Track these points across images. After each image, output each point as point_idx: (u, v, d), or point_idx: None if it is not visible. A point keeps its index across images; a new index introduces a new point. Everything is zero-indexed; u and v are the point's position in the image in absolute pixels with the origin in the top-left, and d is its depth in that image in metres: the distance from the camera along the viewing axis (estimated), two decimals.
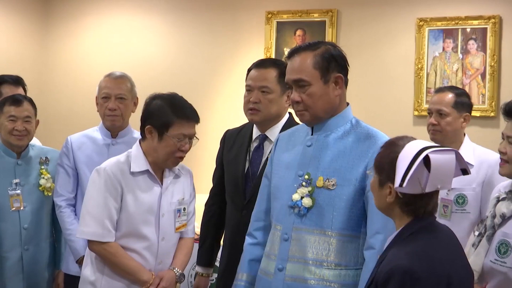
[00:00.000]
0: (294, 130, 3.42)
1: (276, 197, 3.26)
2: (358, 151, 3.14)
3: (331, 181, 3.10)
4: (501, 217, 3.12)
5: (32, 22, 8.46)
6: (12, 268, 4.34)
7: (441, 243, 2.64)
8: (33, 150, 4.52)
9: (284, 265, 3.12)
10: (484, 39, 6.60)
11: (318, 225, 3.11)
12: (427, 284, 2.45)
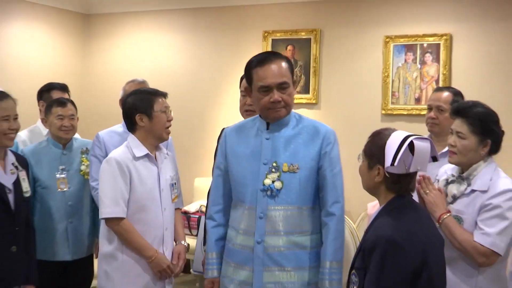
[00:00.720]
0: (240, 126, 3.37)
1: (243, 183, 3.20)
2: (310, 139, 3.21)
3: (294, 165, 3.14)
4: (453, 197, 3.11)
5: (75, 39, 8.43)
6: (60, 237, 4.33)
7: (418, 217, 2.67)
8: (76, 142, 4.51)
9: (263, 238, 3.12)
10: (437, 53, 6.57)
11: (288, 202, 3.14)
12: (406, 251, 2.48)
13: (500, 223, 2.94)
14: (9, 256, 3.29)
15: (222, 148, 3.33)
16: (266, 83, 3.09)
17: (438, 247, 2.68)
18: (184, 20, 7.94)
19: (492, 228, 2.94)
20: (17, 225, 3.33)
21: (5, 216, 3.27)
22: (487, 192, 3.01)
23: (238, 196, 3.23)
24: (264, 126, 3.22)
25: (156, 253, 3.60)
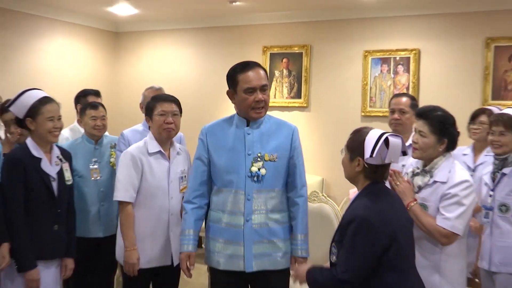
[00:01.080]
0: (217, 124, 3.33)
1: (230, 171, 3.16)
2: (281, 134, 3.25)
3: (274, 156, 3.18)
4: (418, 187, 3.11)
5: (106, 53, 8.45)
6: (93, 217, 4.34)
7: (390, 201, 2.68)
8: (106, 139, 4.52)
9: (250, 217, 3.12)
10: (408, 64, 6.60)
11: (270, 186, 3.18)
12: (376, 228, 2.50)
13: (458, 209, 2.93)
14: (52, 233, 3.27)
15: (203, 143, 3.26)
16: (251, 85, 3.09)
17: (406, 226, 2.69)
18: (196, 37, 7.95)
19: (452, 213, 2.92)
20: (59, 208, 3.31)
21: (49, 200, 3.25)
22: (447, 183, 2.98)
23: (224, 183, 3.18)
24: (244, 123, 3.21)
25: (133, 248, 3.53)
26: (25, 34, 7.27)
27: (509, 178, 3.47)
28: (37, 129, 3.28)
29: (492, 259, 3.51)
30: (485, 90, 6.22)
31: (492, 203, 3.53)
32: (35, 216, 3.23)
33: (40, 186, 3.24)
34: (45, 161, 3.30)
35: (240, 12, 7.32)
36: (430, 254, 3.03)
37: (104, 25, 8.32)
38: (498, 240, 3.49)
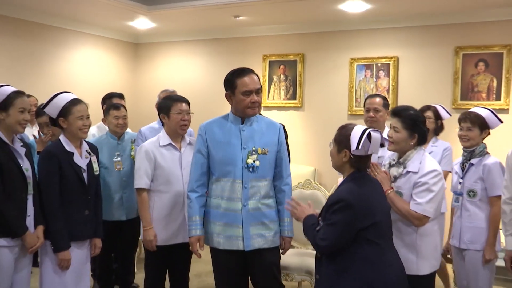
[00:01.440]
0: (215, 121, 3.30)
1: (228, 163, 3.15)
2: (270, 131, 3.27)
3: (265, 149, 3.20)
4: (394, 177, 3.11)
5: (127, 61, 8.45)
6: (116, 203, 4.36)
7: (370, 186, 2.71)
8: (127, 135, 4.52)
9: (247, 202, 3.14)
10: (388, 70, 6.58)
11: (262, 176, 3.20)
12: (356, 208, 2.53)
13: (428, 195, 2.95)
14: (83, 217, 3.28)
15: (203, 139, 3.23)
16: (249, 88, 3.10)
17: (384, 208, 2.72)
18: (205, 47, 7.93)
19: (422, 199, 2.95)
20: (89, 195, 3.32)
21: (81, 188, 3.26)
22: (418, 172, 3.00)
23: (222, 173, 3.17)
24: (239, 121, 3.20)
25: (150, 227, 3.60)
26: (58, 45, 7.31)
27: (476, 168, 3.49)
28: (68, 127, 3.27)
29: (462, 238, 3.54)
30: (454, 92, 6.22)
31: (461, 189, 3.55)
32: (69, 203, 3.23)
33: (73, 177, 3.24)
34: (77, 154, 3.29)
35: (243, 25, 7.33)
36: (406, 235, 3.04)
37: (125, 37, 8.32)
38: (467, 222, 3.51)
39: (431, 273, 3.10)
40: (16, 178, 3.01)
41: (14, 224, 2.99)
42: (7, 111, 3.01)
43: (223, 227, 3.16)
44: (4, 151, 3.00)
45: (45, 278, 3.23)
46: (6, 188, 2.96)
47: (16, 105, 3.03)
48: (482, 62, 6.08)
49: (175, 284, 3.90)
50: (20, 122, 3.05)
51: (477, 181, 3.46)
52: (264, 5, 6.06)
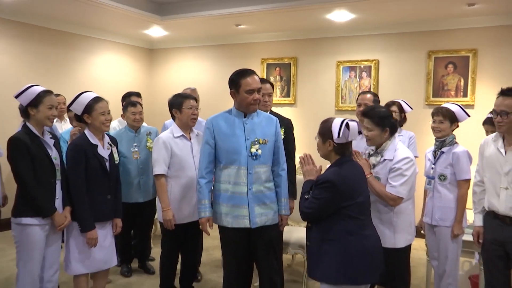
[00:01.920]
0: (222, 115, 3.26)
1: (234, 152, 3.13)
2: (268, 124, 3.24)
3: (265, 140, 3.19)
4: (373, 165, 3.12)
5: (143, 64, 8.41)
6: (135, 187, 4.36)
7: (353, 169, 2.75)
8: (143, 128, 4.51)
9: (251, 186, 3.13)
10: (370, 71, 6.55)
11: (263, 163, 3.18)
12: (338, 187, 2.57)
13: (402, 179, 2.98)
14: (106, 201, 3.27)
15: (210, 130, 3.19)
16: (252, 87, 3.08)
17: (364, 188, 2.74)
18: (211, 52, 7.89)
19: (396, 182, 2.98)
20: (111, 181, 3.30)
21: (103, 176, 3.23)
22: (393, 160, 3.03)
23: (229, 161, 3.15)
24: (242, 115, 3.18)
25: (168, 208, 3.60)
26: (85, 51, 7.31)
27: (446, 155, 3.49)
28: (92, 122, 3.25)
29: (433, 216, 3.55)
30: (427, 90, 6.21)
31: (433, 174, 3.56)
32: (93, 188, 3.21)
33: (97, 166, 3.22)
34: (100, 146, 3.27)
35: (244, 33, 7.30)
36: (384, 213, 3.10)
37: (141, 44, 8.28)
38: (438, 202, 3.53)
39: (406, 246, 3.12)
40: (45, 166, 3.01)
41: (44, 205, 2.99)
42: (37, 107, 3.00)
43: (231, 208, 3.15)
44: (35, 143, 2.99)
45: (71, 254, 3.23)
46: (37, 175, 2.97)
47: (45, 103, 3.02)
48: (451, 64, 6.07)
49: (188, 257, 3.90)
50: (49, 117, 3.04)
51: (447, 167, 3.47)
52: (262, 15, 6.05)
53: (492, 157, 3.03)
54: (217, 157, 3.21)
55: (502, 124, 2.90)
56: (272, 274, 3.31)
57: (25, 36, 6.39)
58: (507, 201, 2.92)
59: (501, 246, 2.99)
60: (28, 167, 2.93)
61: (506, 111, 2.86)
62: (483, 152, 3.14)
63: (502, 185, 2.95)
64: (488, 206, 3.07)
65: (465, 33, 5.99)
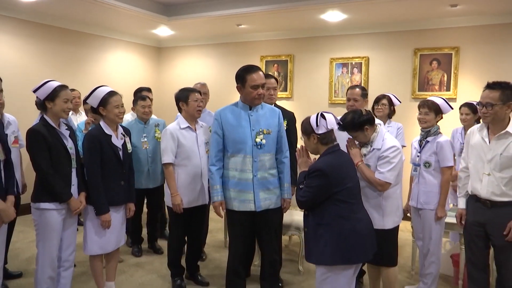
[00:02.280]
0: (229, 107, 3.25)
1: (240, 142, 3.12)
2: (272, 115, 3.24)
3: (269, 130, 3.19)
4: (364, 155, 3.11)
5: (152, 61, 8.34)
6: (145, 174, 4.38)
7: (341, 157, 2.74)
8: (152, 120, 4.48)
9: (257, 173, 3.15)
10: (360, 68, 6.50)
11: (268, 151, 3.18)
12: (328, 175, 2.55)
13: (389, 166, 2.98)
14: (120, 187, 3.26)
15: (218, 121, 3.20)
16: (256, 83, 3.08)
17: (353, 175, 2.72)
18: (214, 50, 7.83)
19: (384, 169, 2.99)
20: (124, 169, 3.28)
21: (117, 164, 3.22)
22: (381, 149, 3.03)
23: (236, 150, 3.14)
24: (247, 108, 3.18)
25: (176, 194, 3.58)
26: (98, 50, 7.25)
27: (431, 144, 3.49)
28: (107, 114, 3.23)
29: (419, 200, 3.56)
30: (413, 85, 6.17)
31: (419, 161, 3.56)
32: (108, 175, 3.20)
33: (111, 154, 3.21)
34: (114, 137, 3.26)
35: (244, 32, 7.24)
36: (373, 198, 3.09)
37: (150, 43, 8.22)
38: (423, 187, 3.53)
39: (394, 227, 3.12)
40: (62, 155, 3.00)
41: (61, 192, 2.97)
42: (54, 101, 2.98)
43: (238, 193, 3.16)
44: (52, 134, 2.97)
45: (88, 235, 3.24)
46: (54, 164, 2.95)
47: (61, 96, 2.99)
48: (435, 61, 6.03)
49: (193, 238, 3.90)
50: (65, 110, 3.01)
51: (431, 155, 3.47)
52: (261, 15, 6.00)
53: (477, 145, 3.03)
54: (225, 146, 3.21)
55: (487, 115, 2.91)
56: (272, 253, 3.34)
57: (42, 36, 6.35)
58: (488, 186, 2.93)
59: (481, 227, 3.01)
60: (46, 156, 2.91)
61: (491, 103, 2.87)
62: (469, 141, 3.14)
63: (485, 171, 2.95)
64: (472, 190, 3.07)
65: (449, 32, 5.95)
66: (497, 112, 2.86)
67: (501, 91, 2.85)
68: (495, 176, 2.90)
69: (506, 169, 2.87)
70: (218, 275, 4.10)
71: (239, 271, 3.33)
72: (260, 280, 3.45)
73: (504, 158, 2.86)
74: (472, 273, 3.13)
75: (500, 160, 2.87)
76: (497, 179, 2.89)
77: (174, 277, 3.86)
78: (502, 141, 2.89)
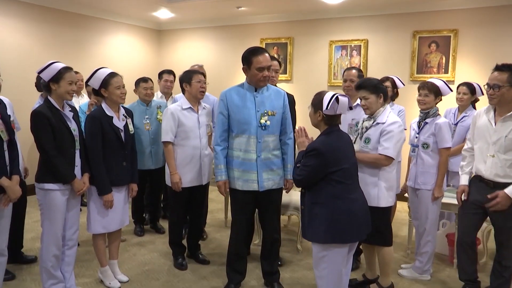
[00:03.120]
0: (234, 88, 3.21)
1: (245, 123, 3.10)
2: (277, 97, 3.20)
3: (274, 112, 3.15)
4: (366, 128, 3.14)
5: (152, 44, 8.26)
6: (147, 155, 4.38)
7: (339, 139, 2.72)
8: (154, 102, 4.46)
9: (260, 154, 3.12)
10: (359, 50, 6.44)
11: (272, 132, 3.15)
12: (325, 155, 2.56)
13: (393, 140, 3.00)
14: (122, 168, 3.26)
15: (224, 102, 3.16)
16: (262, 65, 3.04)
17: (350, 156, 2.72)
18: (214, 32, 7.76)
19: (389, 144, 3.00)
20: (126, 150, 3.27)
21: (119, 145, 3.22)
22: (385, 123, 3.04)
23: (240, 130, 3.12)
24: (253, 89, 3.15)
25: (175, 172, 3.59)
26: (98, 32, 7.18)
27: (430, 126, 3.48)
28: (109, 95, 3.21)
29: (416, 180, 3.57)
30: (412, 67, 6.12)
31: (417, 142, 3.55)
32: (109, 156, 3.20)
33: (112, 135, 3.20)
34: (115, 118, 3.24)
35: (244, 14, 7.16)
36: (371, 176, 3.09)
37: (150, 25, 8.14)
38: (421, 167, 3.54)
39: (387, 207, 3.14)
40: (65, 137, 2.98)
41: (64, 173, 2.97)
42: (59, 83, 2.94)
43: (241, 173, 3.15)
44: (56, 116, 2.95)
45: (91, 215, 3.27)
46: (58, 145, 2.94)
47: (66, 78, 2.96)
48: (434, 44, 5.98)
49: (194, 218, 3.92)
50: (69, 92, 2.98)
51: (430, 136, 3.46)
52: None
53: (483, 127, 3.03)
54: (230, 127, 3.18)
55: (494, 97, 2.90)
56: (274, 232, 3.36)
57: (43, 18, 6.27)
58: (492, 167, 2.95)
59: (480, 207, 3.04)
60: (49, 138, 2.90)
61: (498, 85, 2.86)
62: (476, 122, 3.14)
63: (489, 153, 2.96)
64: (475, 171, 3.09)
65: (447, 15, 5.88)
66: (504, 94, 2.86)
67: (510, 73, 2.84)
68: (500, 158, 2.90)
69: (510, 151, 2.88)
70: (218, 254, 4.13)
71: (241, 249, 3.36)
72: (260, 258, 3.47)
73: (509, 140, 2.87)
74: (461, 249, 3.20)
75: (505, 143, 2.88)
76: (501, 161, 2.90)
77: (176, 255, 3.89)
78: (508, 123, 2.90)
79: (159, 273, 3.75)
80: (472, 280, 3.23)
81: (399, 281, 3.62)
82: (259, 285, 3.52)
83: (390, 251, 3.21)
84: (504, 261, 3.01)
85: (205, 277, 3.69)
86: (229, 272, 3.38)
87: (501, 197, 2.85)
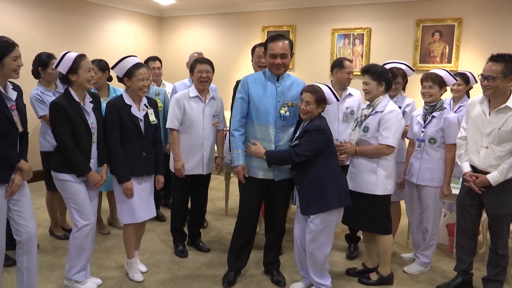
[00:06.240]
0: (257, 75, 3.19)
1: (265, 112, 3.06)
2: (297, 88, 3.14)
3: (293, 103, 3.11)
4: (365, 116, 3.14)
5: (153, 31, 8.21)
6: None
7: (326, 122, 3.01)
8: (152, 89, 4.39)
9: (279, 143, 3.09)
10: (362, 39, 6.40)
11: (291, 123, 3.13)
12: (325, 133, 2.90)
13: (392, 129, 3.02)
14: (141, 158, 3.21)
15: (244, 88, 3.12)
16: (273, 52, 3.03)
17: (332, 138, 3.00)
18: (216, 20, 7.70)
19: (388, 133, 3.02)
20: (145, 140, 3.22)
21: (137, 134, 3.16)
22: (384, 111, 3.04)
23: (260, 119, 3.09)
24: (275, 78, 3.11)
25: (179, 159, 3.59)
26: (99, 19, 7.11)
27: (437, 120, 3.37)
28: (131, 85, 3.18)
29: (421, 176, 3.44)
30: (415, 57, 6.08)
31: (423, 137, 3.42)
32: (127, 145, 3.16)
33: (130, 124, 3.15)
34: (134, 107, 3.18)
35: (246, 2, 7.09)
36: (370, 162, 3.12)
37: (152, 12, 8.06)
38: (427, 163, 3.41)
39: (384, 195, 3.13)
40: (82, 130, 2.95)
41: (80, 165, 2.95)
42: (77, 72, 2.91)
43: (259, 161, 3.11)
44: (75, 108, 2.92)
45: (118, 206, 3.28)
46: (74, 137, 2.92)
47: (83, 66, 2.92)
48: (438, 33, 5.92)
49: (196, 206, 3.94)
50: (89, 79, 2.94)
51: (438, 131, 3.35)
52: None
53: (476, 117, 2.99)
54: (249, 114, 3.14)
55: (488, 88, 2.86)
56: (282, 222, 3.38)
57: (42, 3, 6.19)
58: (485, 158, 2.93)
59: (475, 197, 3.04)
60: (66, 129, 2.88)
61: (492, 76, 2.82)
62: (470, 112, 3.09)
63: (483, 144, 2.94)
64: (468, 161, 3.07)
65: (451, 3, 5.80)
66: (498, 85, 2.81)
67: (504, 64, 2.78)
68: (493, 149, 2.88)
69: (504, 143, 2.85)
70: (218, 242, 4.14)
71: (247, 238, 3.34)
72: (264, 247, 3.47)
73: (502, 132, 2.83)
74: (461, 240, 3.20)
75: (498, 134, 2.85)
76: (494, 152, 2.88)
77: (176, 243, 3.91)
78: (501, 115, 2.86)
79: (160, 261, 3.75)
80: (466, 271, 3.23)
81: (398, 269, 3.62)
82: (259, 272, 3.53)
83: (389, 240, 3.21)
84: (499, 250, 3.02)
85: (205, 264, 3.70)
86: (230, 260, 3.39)
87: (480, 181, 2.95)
